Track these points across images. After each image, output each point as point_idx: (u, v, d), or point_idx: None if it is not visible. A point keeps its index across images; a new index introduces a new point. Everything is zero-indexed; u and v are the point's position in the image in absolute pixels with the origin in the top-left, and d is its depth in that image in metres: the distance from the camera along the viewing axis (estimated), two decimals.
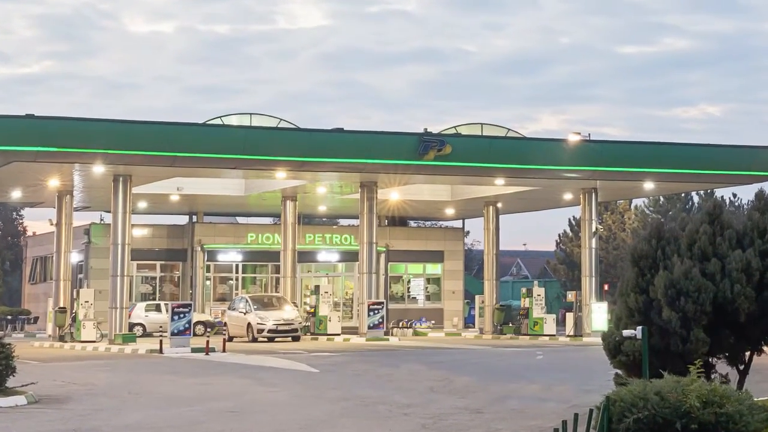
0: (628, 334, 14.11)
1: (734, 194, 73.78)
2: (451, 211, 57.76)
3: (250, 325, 45.07)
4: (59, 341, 44.05)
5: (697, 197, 71.47)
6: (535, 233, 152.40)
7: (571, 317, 48.64)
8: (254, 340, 44.53)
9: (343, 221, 66.47)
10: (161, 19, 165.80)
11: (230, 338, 44.66)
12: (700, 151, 45.89)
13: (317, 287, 50.90)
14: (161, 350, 36.43)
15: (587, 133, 46.27)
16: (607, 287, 53.70)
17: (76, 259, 52.87)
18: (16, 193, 48.16)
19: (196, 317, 46.13)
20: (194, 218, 57.66)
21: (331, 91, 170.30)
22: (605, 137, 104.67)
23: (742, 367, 15.06)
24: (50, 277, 52.78)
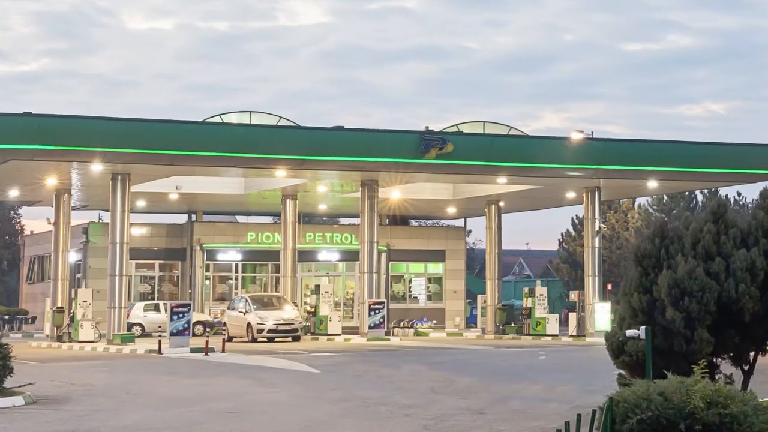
0: (631, 334, 14.12)
1: (739, 193, 73.90)
2: (452, 209, 57.76)
3: (249, 325, 45.08)
4: (57, 341, 44.04)
5: (701, 196, 71.53)
6: (537, 232, 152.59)
7: (574, 317, 48.64)
8: (254, 340, 44.54)
9: (343, 220, 66.48)
10: (160, 16, 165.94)
11: (230, 338, 44.67)
12: (704, 149, 45.88)
13: (317, 287, 50.91)
14: (160, 350, 36.43)
15: (590, 131, 46.32)
16: (610, 287, 53.72)
17: (74, 258, 52.85)
18: (13, 191, 48.18)
19: (195, 317, 46.15)
20: (193, 217, 57.66)
21: (331, 88, 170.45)
22: (608, 135, 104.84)
23: (746, 367, 15.06)
24: (48, 276, 52.81)
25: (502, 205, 53.38)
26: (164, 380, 25.60)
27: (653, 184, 47.35)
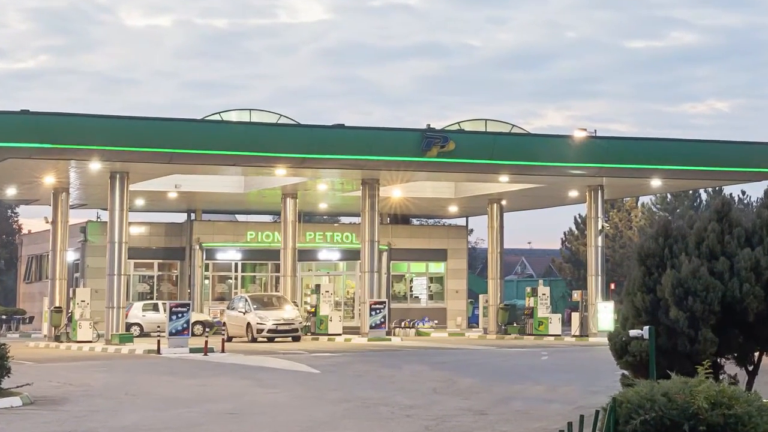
0: (634, 334, 14.11)
1: (743, 191, 73.84)
2: (454, 208, 57.77)
3: (249, 324, 45.08)
4: (55, 341, 44.06)
5: (705, 194, 71.49)
6: (540, 231, 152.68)
7: (576, 317, 48.62)
8: (254, 340, 44.55)
9: (344, 219, 66.48)
10: (158, 13, 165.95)
11: (229, 338, 44.67)
12: (708, 147, 45.87)
13: (318, 286, 50.91)
14: (159, 350, 36.44)
15: (593, 129, 46.37)
16: (613, 286, 53.69)
17: (72, 257, 52.88)
18: (11, 190, 48.20)
19: (194, 317, 46.15)
20: (192, 216, 57.67)
21: (332, 86, 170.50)
22: (611, 133, 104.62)
23: (751, 367, 15.06)
24: (46, 276, 52.84)
25: (504, 203, 53.39)
26: (163, 381, 25.60)
27: (657, 182, 47.34)
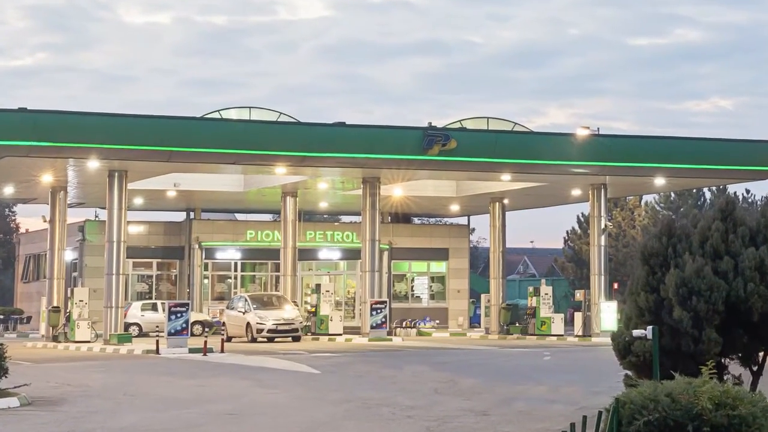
0: (638, 334, 14.10)
1: (747, 190, 73.84)
2: (456, 207, 57.78)
3: (249, 324, 45.09)
4: (53, 341, 44.06)
5: (709, 193, 71.49)
6: (542, 230, 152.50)
7: (579, 317, 48.64)
8: (253, 340, 44.55)
9: (344, 218, 66.48)
10: (157, 10, 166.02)
11: (229, 338, 44.66)
12: (712, 145, 45.86)
13: (318, 286, 50.94)
14: (158, 351, 36.44)
15: (596, 127, 46.49)
16: (616, 286, 53.68)
17: (70, 256, 52.92)
18: (8, 189, 48.21)
19: (193, 317, 46.13)
20: (192, 215, 57.69)
21: (332, 84, 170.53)
22: (615, 131, 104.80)
23: (755, 368, 15.04)
24: (43, 275, 52.83)
25: (506, 202, 53.39)
26: (162, 381, 25.61)
27: (660, 181, 47.33)
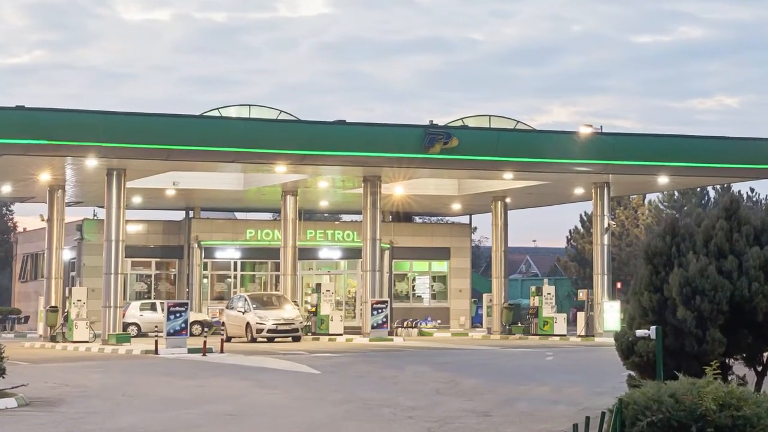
0: (641, 334, 14.11)
1: (752, 189, 73.91)
2: (457, 206, 57.76)
3: (249, 324, 45.09)
4: (50, 341, 44.07)
5: (713, 192, 71.51)
6: (545, 229, 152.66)
7: (582, 317, 48.69)
8: (253, 340, 44.56)
9: (345, 217, 66.47)
10: (156, 6, 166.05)
11: (228, 338, 44.67)
12: (716, 144, 45.85)
13: (318, 285, 50.95)
14: (156, 351, 36.45)
15: (599, 125, 46.40)
16: (619, 285, 53.71)
17: (68, 256, 52.91)
18: (5, 187, 48.20)
19: (192, 317, 46.16)
20: (191, 214, 57.69)
21: (333, 81, 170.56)
22: (618, 130, 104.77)
23: (760, 368, 15.05)
24: (41, 274, 52.82)
25: (508, 201, 53.38)
26: (161, 381, 25.62)
27: (664, 179, 47.31)
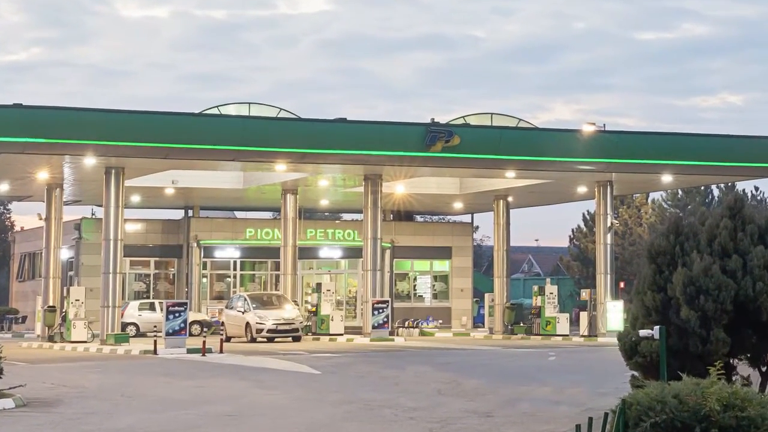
0: (645, 334, 14.11)
1: (756, 187, 73.86)
2: (459, 205, 57.75)
3: (248, 324, 45.10)
4: (48, 342, 44.07)
5: (717, 190, 71.49)
6: (547, 228, 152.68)
7: (585, 316, 48.65)
8: (253, 340, 44.57)
9: (346, 216, 66.51)
10: (155, 3, 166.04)
11: (228, 338, 44.69)
12: (720, 142, 45.85)
13: (319, 285, 50.95)
14: (155, 351, 36.47)
15: (602, 123, 46.38)
16: (623, 285, 53.71)
17: (66, 255, 52.92)
18: (3, 186, 48.20)
19: (192, 316, 46.17)
20: (190, 213, 57.70)
21: (333, 79, 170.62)
22: (621, 128, 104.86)
23: (764, 368, 15.04)
24: (39, 274, 52.86)
25: (510, 200, 53.37)
26: (160, 382, 25.63)
27: (667, 178, 47.30)
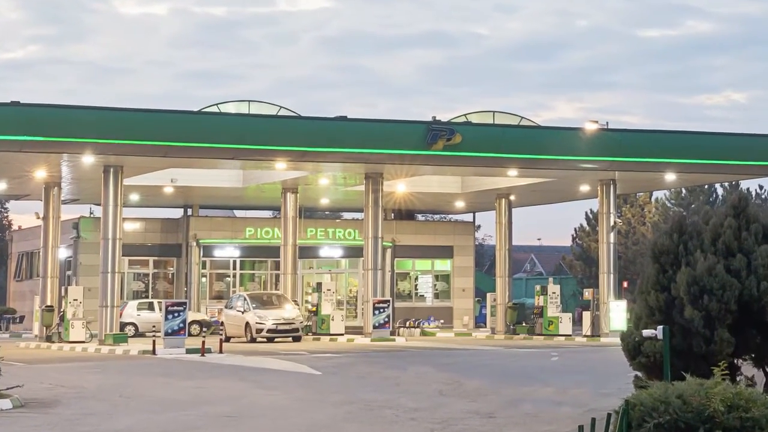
0: (648, 334, 14.11)
1: (760, 186, 73.89)
2: (461, 203, 57.76)
3: (248, 324, 45.11)
4: (46, 342, 44.07)
5: (721, 189, 71.48)
6: (550, 227, 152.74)
7: (588, 316, 48.63)
8: (253, 340, 44.58)
9: (346, 215, 66.54)
10: (153, 0, 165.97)
11: (227, 338, 44.70)
12: (724, 140, 45.85)
13: (319, 284, 50.95)
14: (154, 351, 36.49)
15: (605, 121, 46.25)
16: (626, 284, 53.67)
17: (64, 254, 52.92)
18: (0, 185, 48.20)
19: (191, 316, 46.18)
20: (189, 211, 57.70)
21: (334, 76, 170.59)
22: (624, 126, 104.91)
23: None
24: (37, 273, 52.85)
25: (512, 198, 53.36)
26: (159, 382, 25.64)
27: (671, 176, 47.31)
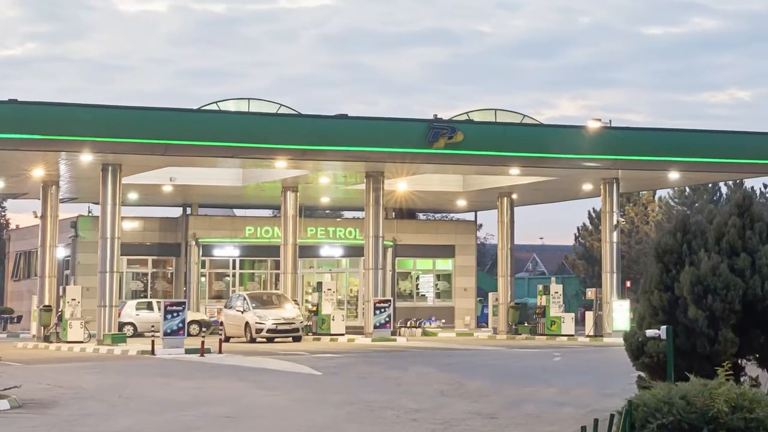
0: (651, 334, 14.11)
1: (765, 184, 73.74)
2: (462, 202, 57.75)
3: (248, 324, 45.11)
4: (44, 342, 44.07)
5: (725, 188, 71.44)
6: (552, 226, 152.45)
7: (590, 316, 48.64)
8: (252, 340, 44.59)
9: (347, 214, 66.54)
10: None
11: (227, 338, 44.70)
12: (728, 138, 45.84)
13: (320, 284, 50.95)
14: (153, 351, 36.49)
15: (608, 119, 46.34)
16: (629, 284, 53.70)
17: (62, 254, 52.92)
18: None
19: (190, 316, 46.21)
20: (188, 210, 57.70)
21: (334, 74, 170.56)
22: (628, 124, 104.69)
23: None
24: (34, 273, 52.87)
25: (514, 197, 53.38)
26: (158, 383, 25.64)
27: (675, 175, 47.31)
